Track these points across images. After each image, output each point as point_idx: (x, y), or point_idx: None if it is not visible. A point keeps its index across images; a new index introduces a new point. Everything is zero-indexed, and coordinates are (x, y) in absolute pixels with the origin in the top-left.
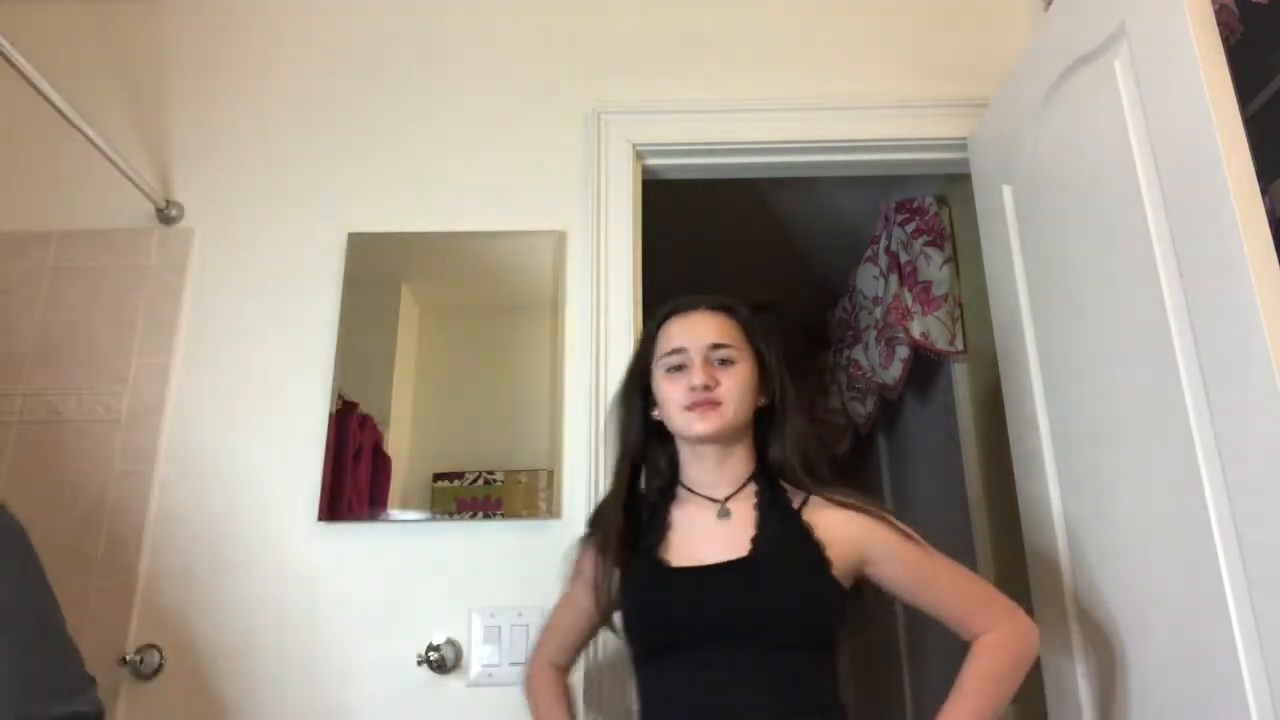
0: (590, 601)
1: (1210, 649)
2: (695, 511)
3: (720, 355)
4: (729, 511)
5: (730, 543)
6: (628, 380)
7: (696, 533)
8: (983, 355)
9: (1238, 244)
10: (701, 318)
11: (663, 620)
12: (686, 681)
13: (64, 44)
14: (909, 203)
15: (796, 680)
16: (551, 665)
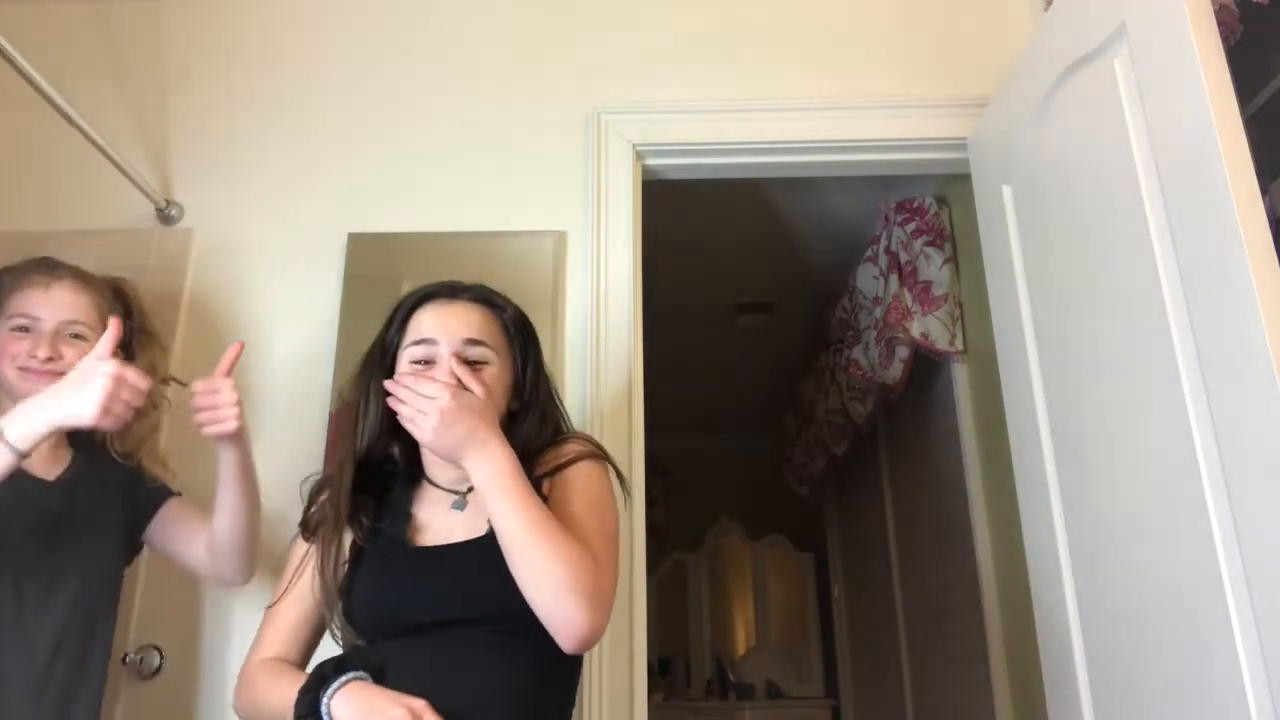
0: (313, 595)
1: (1210, 648)
2: (435, 504)
3: (473, 354)
4: (465, 503)
5: (469, 527)
6: (366, 361)
7: (436, 521)
8: (983, 355)
9: (1238, 244)
10: (461, 309)
11: (403, 598)
12: (425, 664)
13: (64, 44)
14: (909, 203)
15: (535, 663)
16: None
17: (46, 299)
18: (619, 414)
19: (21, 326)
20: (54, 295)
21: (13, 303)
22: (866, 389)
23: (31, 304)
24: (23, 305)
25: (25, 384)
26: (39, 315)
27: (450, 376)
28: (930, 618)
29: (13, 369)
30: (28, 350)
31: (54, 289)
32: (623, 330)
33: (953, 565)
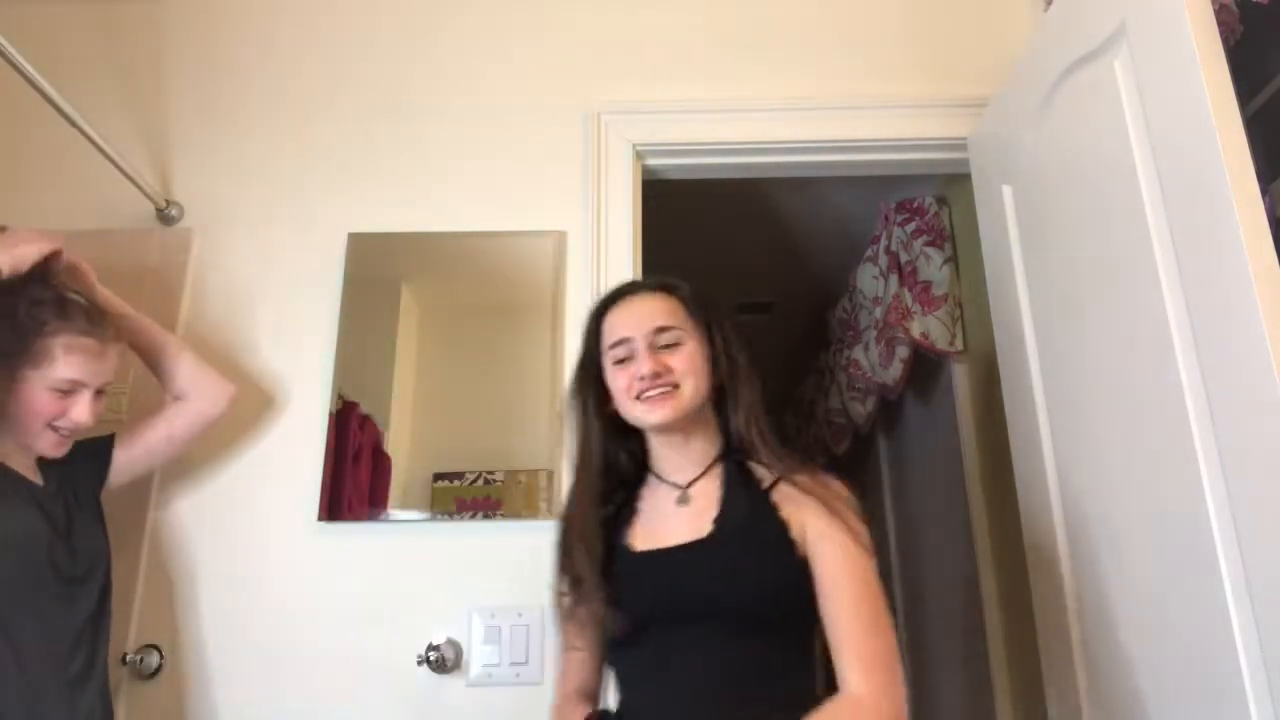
0: (590, 632)
1: (1210, 648)
2: (659, 498)
3: (665, 339)
4: (689, 497)
5: (692, 526)
6: (577, 376)
7: (659, 518)
8: (983, 355)
9: (1238, 244)
10: (641, 301)
11: (630, 604)
12: (655, 665)
13: (64, 44)
14: (909, 203)
15: (759, 666)
16: (577, 694)
17: (99, 364)
18: None
19: (64, 391)
20: (106, 360)
21: (60, 362)
22: (866, 389)
23: (79, 368)
24: (70, 370)
25: (56, 447)
26: (86, 381)
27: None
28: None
29: (44, 427)
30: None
31: (106, 353)
32: None
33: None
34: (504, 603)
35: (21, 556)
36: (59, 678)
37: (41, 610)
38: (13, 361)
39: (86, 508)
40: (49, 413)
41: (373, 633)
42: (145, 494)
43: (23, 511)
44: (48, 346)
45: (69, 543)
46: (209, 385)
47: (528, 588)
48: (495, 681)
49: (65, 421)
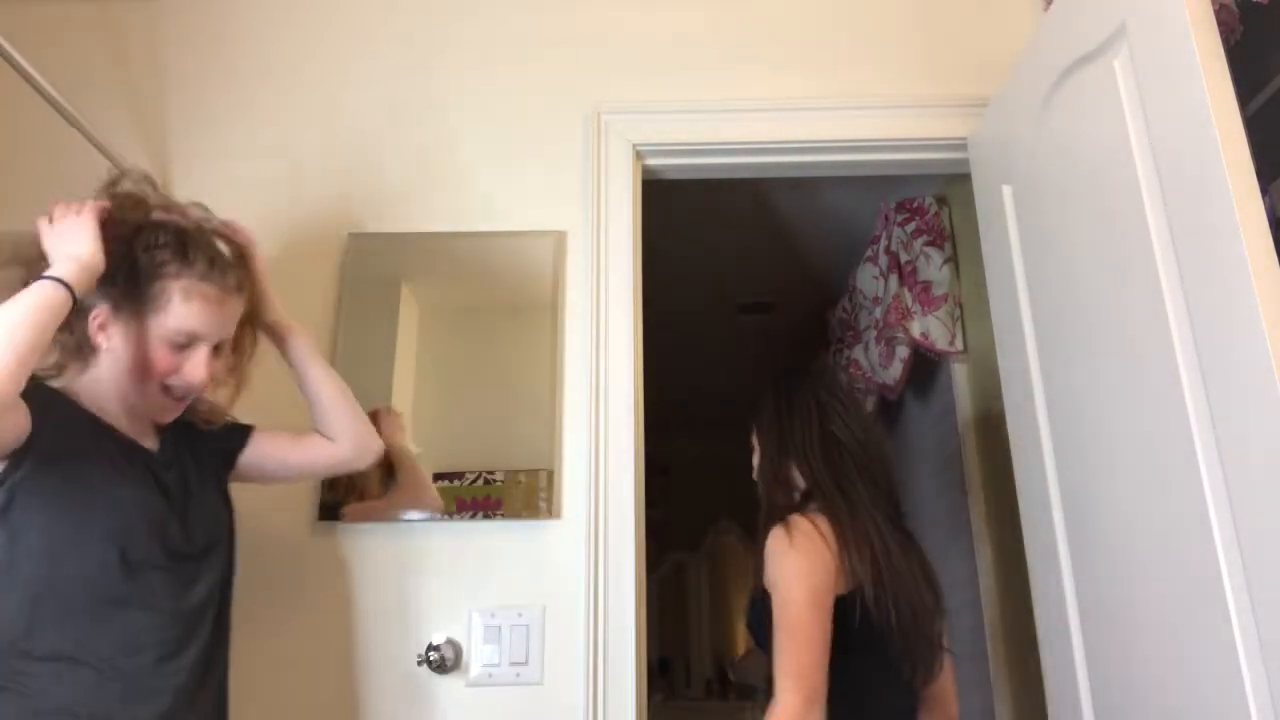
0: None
1: (1211, 648)
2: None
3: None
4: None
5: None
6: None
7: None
8: (983, 355)
9: (1238, 244)
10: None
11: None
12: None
13: (64, 44)
14: (909, 203)
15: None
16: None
17: (221, 314)
18: (619, 414)
19: (179, 341)
20: (228, 310)
21: (177, 309)
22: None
23: (198, 320)
24: (187, 320)
25: (168, 411)
26: (203, 333)
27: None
28: None
29: (158, 386)
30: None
31: (229, 303)
32: (623, 330)
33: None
34: (504, 603)
35: (124, 528)
36: (167, 664)
37: (148, 587)
38: (127, 310)
39: (207, 483)
40: (162, 368)
41: (372, 633)
42: None
43: (130, 481)
44: (165, 290)
45: (183, 517)
46: (366, 440)
47: (527, 588)
48: (495, 681)
49: (178, 379)
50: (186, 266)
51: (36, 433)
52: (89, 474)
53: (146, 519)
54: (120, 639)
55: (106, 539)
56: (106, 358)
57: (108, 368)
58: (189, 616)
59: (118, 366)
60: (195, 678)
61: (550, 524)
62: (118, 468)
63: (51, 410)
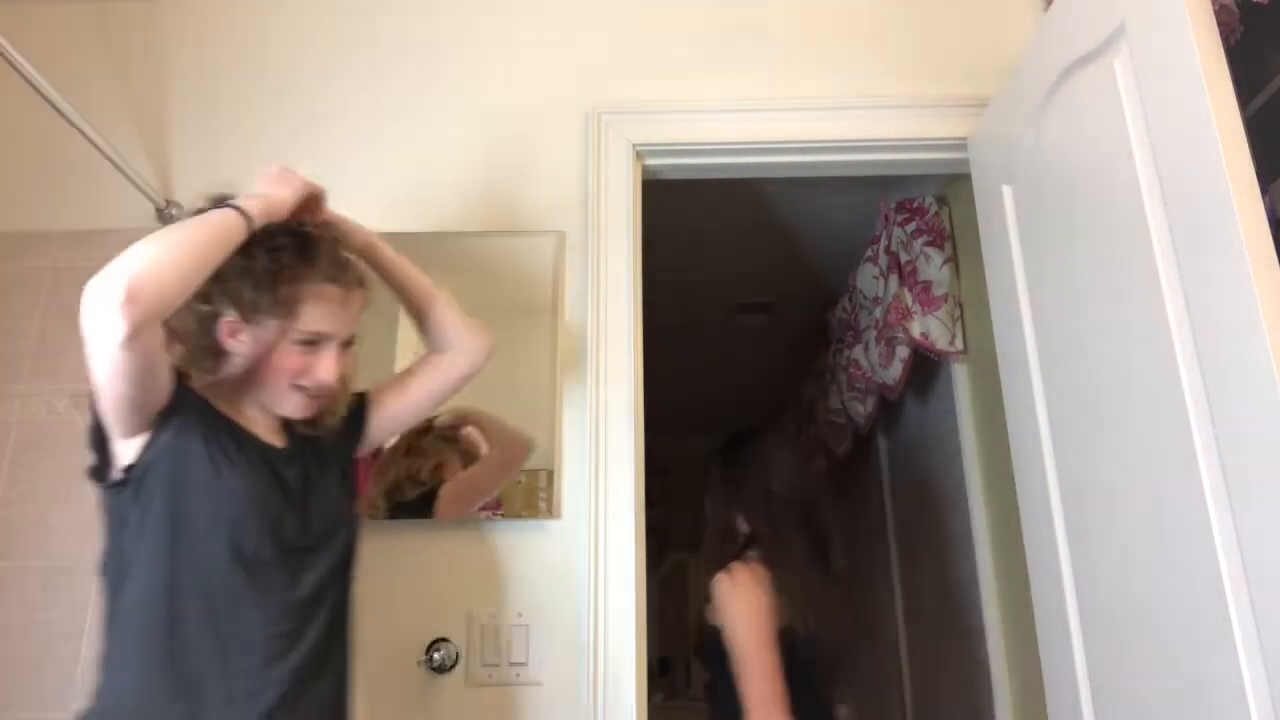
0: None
1: (1211, 648)
2: None
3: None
4: None
5: None
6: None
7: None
8: (983, 355)
9: (1238, 244)
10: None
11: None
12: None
13: (64, 44)
14: (909, 203)
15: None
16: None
17: (346, 312)
18: (619, 414)
19: (308, 341)
20: (352, 307)
21: (304, 312)
22: (866, 389)
23: (324, 320)
24: (314, 322)
25: (302, 409)
26: (331, 333)
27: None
28: (930, 617)
29: (289, 386)
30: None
31: (353, 300)
32: (622, 330)
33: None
34: (504, 603)
35: (234, 519)
36: (275, 664)
37: (258, 581)
38: (254, 313)
39: (331, 473)
40: (293, 369)
41: (372, 632)
42: None
43: (248, 477)
44: (291, 295)
45: (303, 511)
46: (475, 339)
47: (528, 588)
48: (495, 681)
49: (310, 380)
50: (309, 268)
51: (172, 413)
52: (204, 465)
53: (257, 512)
54: (229, 636)
55: (216, 529)
56: (239, 362)
57: (240, 371)
58: (299, 609)
59: (250, 370)
60: (302, 678)
61: (550, 524)
62: (234, 461)
63: (188, 398)
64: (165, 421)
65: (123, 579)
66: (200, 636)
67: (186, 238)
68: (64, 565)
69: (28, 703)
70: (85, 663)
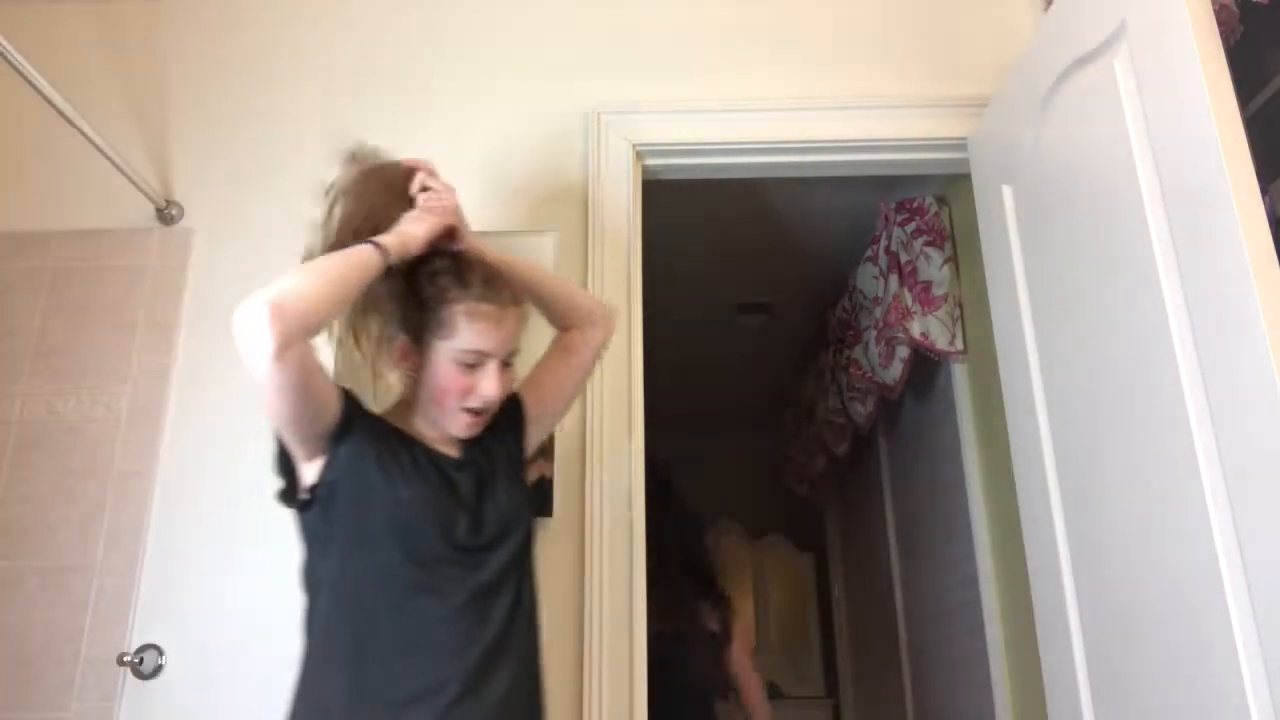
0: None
1: (1210, 648)
2: None
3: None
4: None
5: None
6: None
7: None
8: (983, 355)
9: (1238, 244)
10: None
11: None
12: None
13: (64, 44)
14: (909, 203)
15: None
16: None
17: (502, 330)
18: (619, 414)
19: (470, 362)
20: (509, 324)
21: (463, 332)
22: (866, 389)
23: (482, 339)
24: (473, 341)
25: (469, 428)
26: (490, 351)
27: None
28: (930, 617)
29: (457, 407)
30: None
31: (509, 317)
32: (622, 330)
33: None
34: None
35: (405, 528)
36: (455, 658)
37: (434, 583)
38: (421, 337)
39: (503, 473)
40: (458, 389)
41: None
42: (146, 493)
43: (420, 486)
44: (451, 316)
45: (476, 514)
46: (601, 309)
47: None
48: None
49: (474, 399)
50: (464, 289)
51: (346, 433)
52: (379, 477)
53: (431, 517)
54: (411, 634)
55: (393, 535)
56: (408, 384)
57: (410, 393)
58: (477, 603)
59: (419, 391)
60: (484, 668)
61: (548, 524)
62: (405, 471)
63: (361, 417)
64: (340, 441)
65: (316, 591)
66: (384, 637)
67: (326, 267)
68: (64, 565)
69: (28, 703)
70: (85, 663)
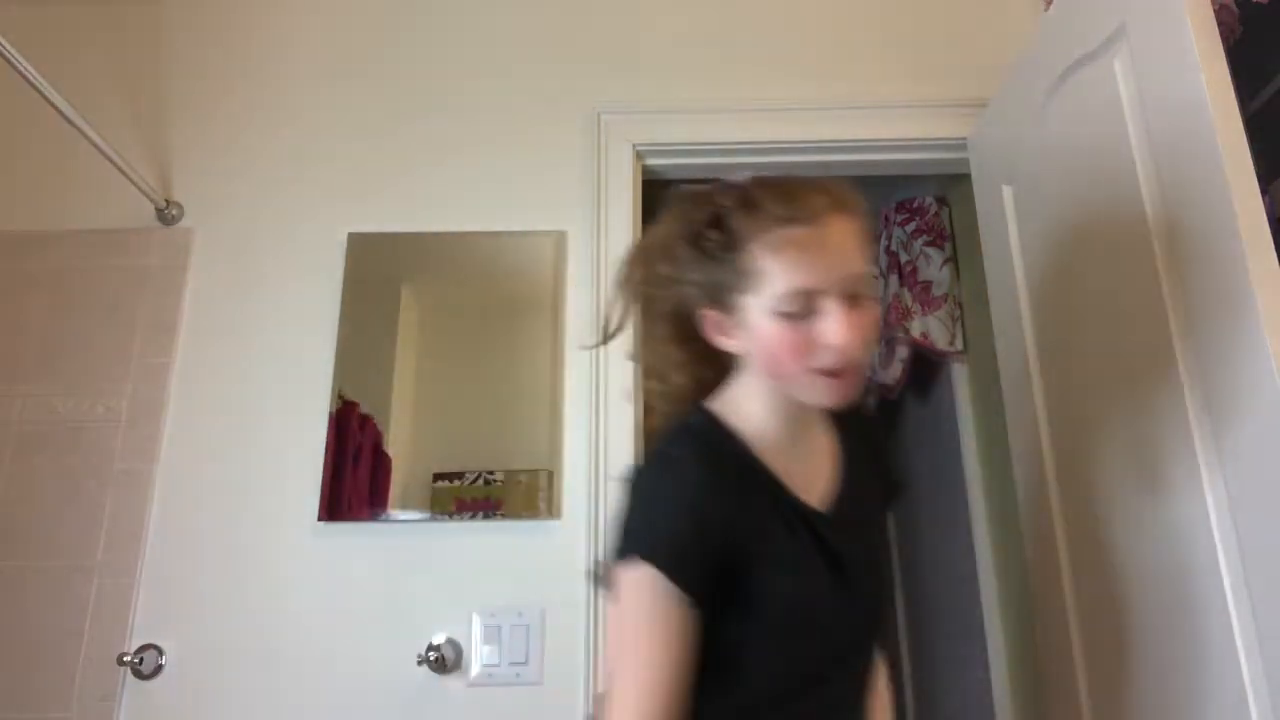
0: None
1: (1210, 648)
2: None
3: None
4: None
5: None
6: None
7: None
8: (983, 355)
9: (1238, 244)
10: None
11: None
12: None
13: (64, 44)
14: (909, 203)
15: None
16: None
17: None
18: (620, 414)
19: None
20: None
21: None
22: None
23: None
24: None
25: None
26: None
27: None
28: (930, 617)
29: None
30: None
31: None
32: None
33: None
34: (504, 603)
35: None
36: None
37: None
38: (725, 295)
39: (869, 530)
40: (796, 352)
41: (373, 633)
42: (145, 493)
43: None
44: (749, 258)
45: (852, 582)
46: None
47: (527, 588)
48: (495, 681)
49: (822, 357)
50: (754, 218)
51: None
52: (759, 569)
53: (815, 609)
54: (779, 684)
55: (779, 638)
56: (738, 360)
57: (744, 371)
58: (835, 655)
59: (753, 369)
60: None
61: (550, 524)
62: (783, 553)
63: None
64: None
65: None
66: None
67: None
68: (64, 565)
69: (28, 703)
70: (85, 663)
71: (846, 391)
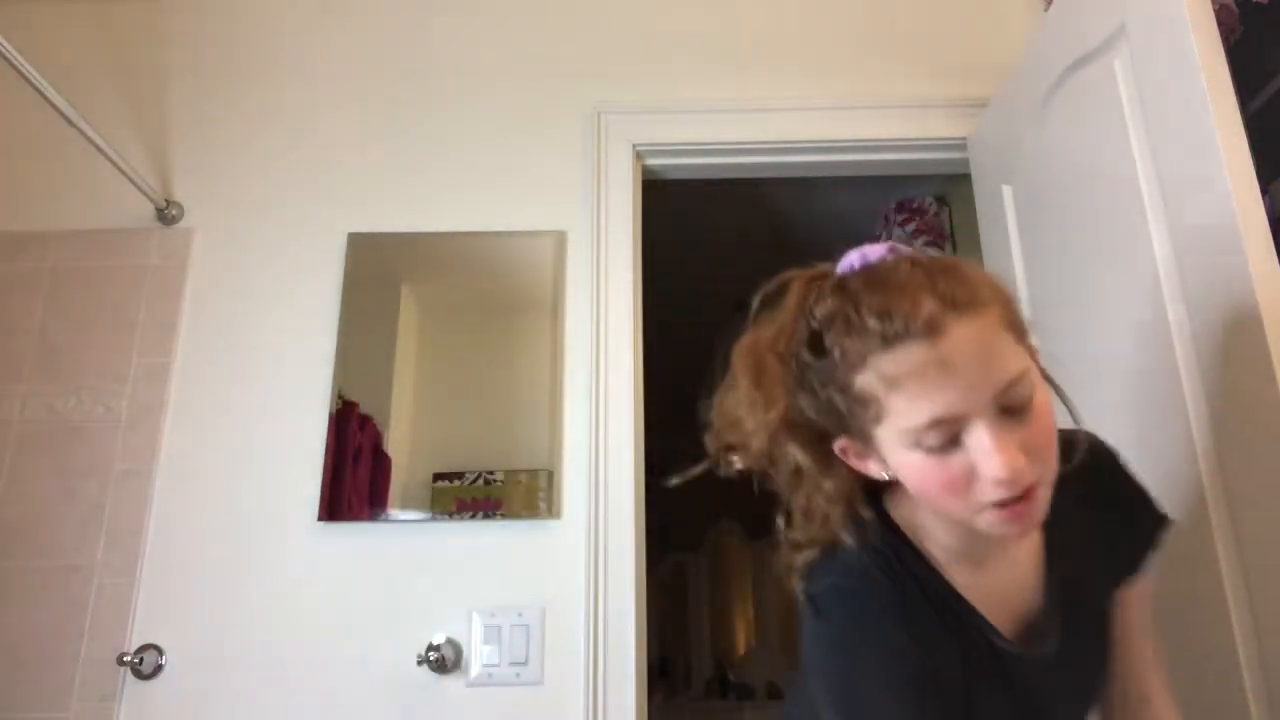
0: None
1: (1209, 648)
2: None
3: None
4: None
5: None
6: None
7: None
8: None
9: (1238, 244)
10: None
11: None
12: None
13: (64, 44)
14: (909, 203)
15: None
16: None
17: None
18: (619, 414)
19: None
20: (964, 350)
21: (896, 405)
22: None
23: (927, 403)
24: (914, 413)
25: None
26: (957, 411)
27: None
28: None
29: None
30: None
31: (958, 338)
32: (623, 330)
33: None
34: (504, 603)
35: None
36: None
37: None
38: (849, 424)
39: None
40: (951, 489)
41: (373, 633)
42: (145, 493)
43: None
44: (862, 389)
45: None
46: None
47: (527, 588)
48: (495, 681)
49: (987, 493)
50: (855, 335)
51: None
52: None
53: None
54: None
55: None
56: (893, 489)
57: (907, 498)
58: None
59: (913, 500)
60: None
61: (550, 524)
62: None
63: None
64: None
65: None
66: None
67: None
68: (64, 565)
69: (28, 703)
70: (85, 663)
71: (1029, 518)
